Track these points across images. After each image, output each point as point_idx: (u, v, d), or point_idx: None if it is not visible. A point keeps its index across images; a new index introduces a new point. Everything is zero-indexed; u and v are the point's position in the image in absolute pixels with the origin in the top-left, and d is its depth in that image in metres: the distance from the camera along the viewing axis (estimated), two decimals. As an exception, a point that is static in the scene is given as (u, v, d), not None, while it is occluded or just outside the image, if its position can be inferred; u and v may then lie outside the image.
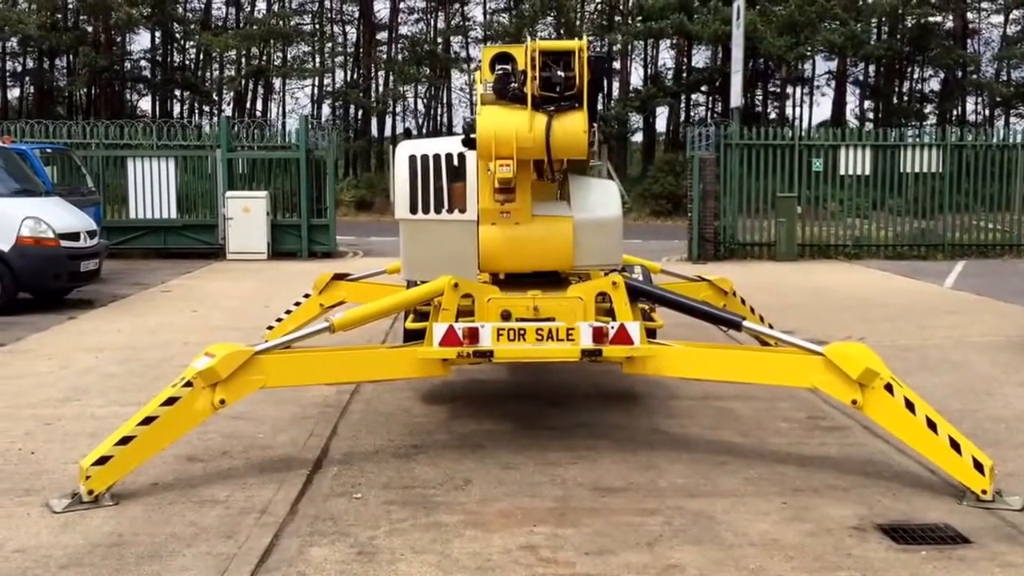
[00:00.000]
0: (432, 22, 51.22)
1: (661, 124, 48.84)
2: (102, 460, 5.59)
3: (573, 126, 6.26)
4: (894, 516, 5.42)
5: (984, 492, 5.54)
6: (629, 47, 43.59)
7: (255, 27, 47.20)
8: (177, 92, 51.91)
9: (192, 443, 6.78)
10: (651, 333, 7.10)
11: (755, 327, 6.49)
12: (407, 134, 48.73)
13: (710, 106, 47.04)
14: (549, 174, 6.71)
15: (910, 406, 5.72)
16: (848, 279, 17.65)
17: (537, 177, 6.78)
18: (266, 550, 4.91)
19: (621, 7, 44.69)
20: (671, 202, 33.26)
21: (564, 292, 6.65)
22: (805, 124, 46.68)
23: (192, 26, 49.41)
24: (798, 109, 50.38)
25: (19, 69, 51.83)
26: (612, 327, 6.32)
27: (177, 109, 52.07)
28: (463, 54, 50.46)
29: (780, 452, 6.68)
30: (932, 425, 5.68)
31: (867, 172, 21.27)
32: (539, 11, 42.03)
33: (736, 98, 21.88)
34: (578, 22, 43.06)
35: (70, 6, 46.35)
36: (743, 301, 10.03)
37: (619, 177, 36.21)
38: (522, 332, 6.35)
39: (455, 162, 6.86)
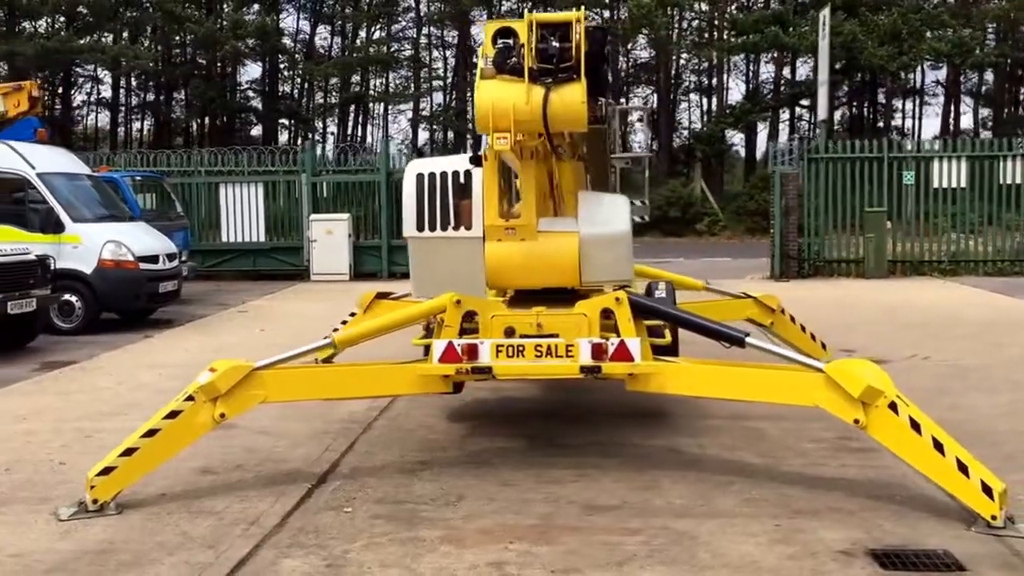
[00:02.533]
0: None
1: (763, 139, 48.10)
2: (106, 471, 5.79)
3: (571, 97, 6.09)
4: (892, 541, 5.19)
5: (994, 518, 5.27)
6: (725, 62, 43.07)
7: (355, 55, 48.27)
8: (283, 120, 53.44)
9: (211, 455, 6.97)
10: (668, 350, 6.98)
11: (759, 343, 6.31)
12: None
13: (812, 120, 46.01)
14: (551, 148, 6.60)
15: (915, 426, 5.49)
16: (935, 296, 17.03)
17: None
18: (242, 560, 5.00)
19: (716, 22, 44.22)
20: (766, 219, 32.63)
21: (570, 309, 6.60)
22: (917, 136, 45.28)
23: (296, 56, 50.83)
24: (908, 121, 49.01)
25: (139, 102, 54.11)
26: (612, 343, 6.24)
27: (285, 136, 53.64)
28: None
29: (793, 473, 6.48)
30: (939, 446, 5.43)
31: (963, 184, 20.46)
32: (630, 31, 41.87)
33: (822, 111, 21.47)
34: (674, 38, 42.77)
35: (184, 41, 48.22)
36: (793, 319, 9.79)
37: (713, 194, 35.66)
38: (521, 349, 6.32)
39: (461, 180, 6.90)
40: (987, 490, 5.29)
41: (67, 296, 13.73)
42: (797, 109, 45.77)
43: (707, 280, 10.55)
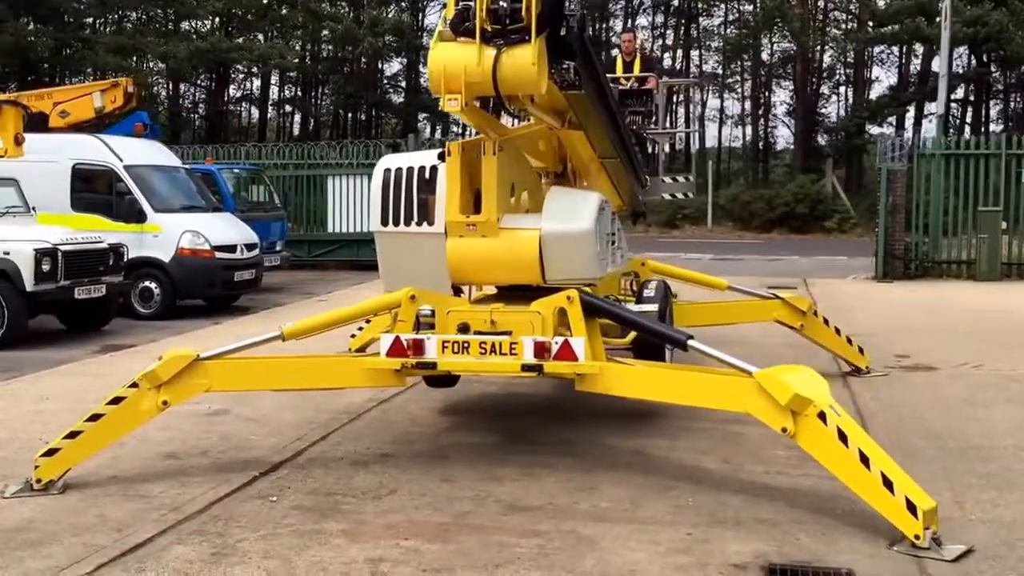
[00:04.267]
0: (668, 38, 50.87)
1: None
2: (50, 452, 6.01)
3: (522, 59, 5.89)
4: (799, 556, 4.90)
5: (918, 537, 4.90)
6: (865, 54, 41.38)
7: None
8: (424, 114, 54.37)
9: (186, 440, 7.19)
10: (654, 354, 6.74)
11: (700, 346, 6.04)
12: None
13: (957, 114, 43.79)
14: (505, 110, 6.49)
15: (843, 438, 5.16)
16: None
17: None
18: (137, 545, 5.08)
19: (854, 13, 42.54)
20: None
21: (525, 307, 6.47)
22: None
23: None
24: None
25: (287, 98, 56.06)
26: (555, 342, 6.10)
27: (428, 131, 54.57)
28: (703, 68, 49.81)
29: (745, 481, 6.18)
30: (865, 460, 5.10)
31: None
32: (762, 22, 40.73)
33: (940, 104, 20.37)
34: (810, 30, 41.36)
35: (325, 39, 49.70)
36: (826, 322, 9.33)
37: (849, 191, 34.34)
38: (466, 345, 6.25)
39: (427, 175, 6.84)
40: (912, 508, 4.92)
41: (147, 283, 14.40)
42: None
43: (767, 286, 10.22)
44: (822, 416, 5.22)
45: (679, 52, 48.72)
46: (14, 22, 41.46)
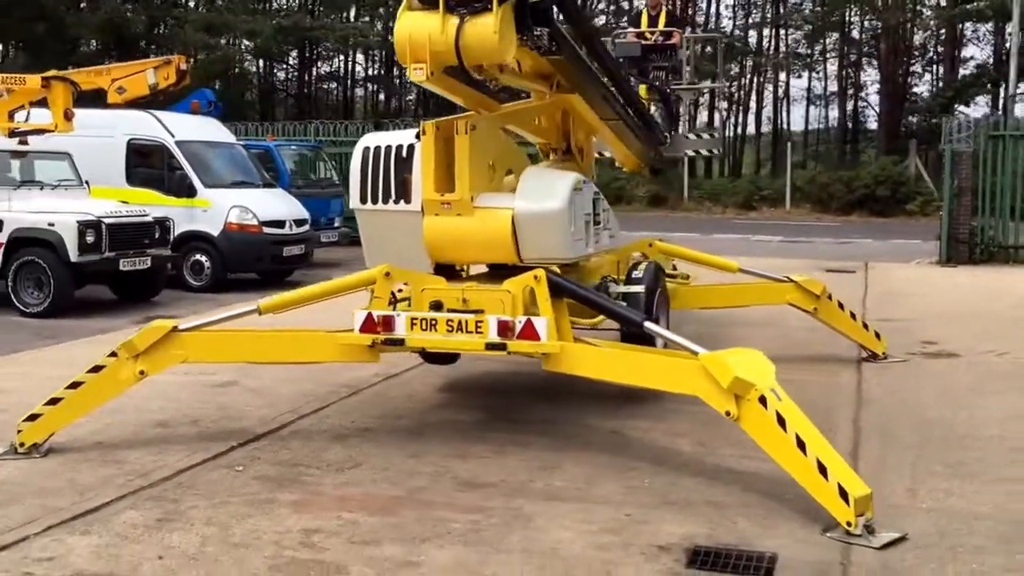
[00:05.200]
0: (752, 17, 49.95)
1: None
2: (32, 417, 6.28)
3: (484, 28, 5.90)
4: (727, 539, 4.87)
5: (850, 524, 4.83)
6: (956, 32, 39.98)
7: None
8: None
9: (182, 409, 7.44)
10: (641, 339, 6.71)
11: (654, 328, 6.00)
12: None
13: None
14: (469, 79, 6.46)
15: (782, 422, 5.10)
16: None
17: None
18: (92, 509, 5.29)
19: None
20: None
21: (497, 285, 6.51)
22: None
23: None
24: None
25: (371, 75, 56.80)
26: (519, 321, 6.14)
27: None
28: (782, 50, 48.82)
29: (711, 464, 6.14)
30: (802, 445, 5.03)
31: None
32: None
33: (1011, 84, 19.59)
34: (896, 6, 40.13)
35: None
36: (841, 306, 9.14)
37: (934, 173, 33.20)
38: (434, 323, 6.33)
39: (404, 154, 6.90)
40: (844, 495, 4.85)
41: (197, 256, 14.84)
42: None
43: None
44: (763, 400, 5.17)
45: (766, 30, 47.89)
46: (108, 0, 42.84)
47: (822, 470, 4.94)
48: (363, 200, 7.03)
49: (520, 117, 7.80)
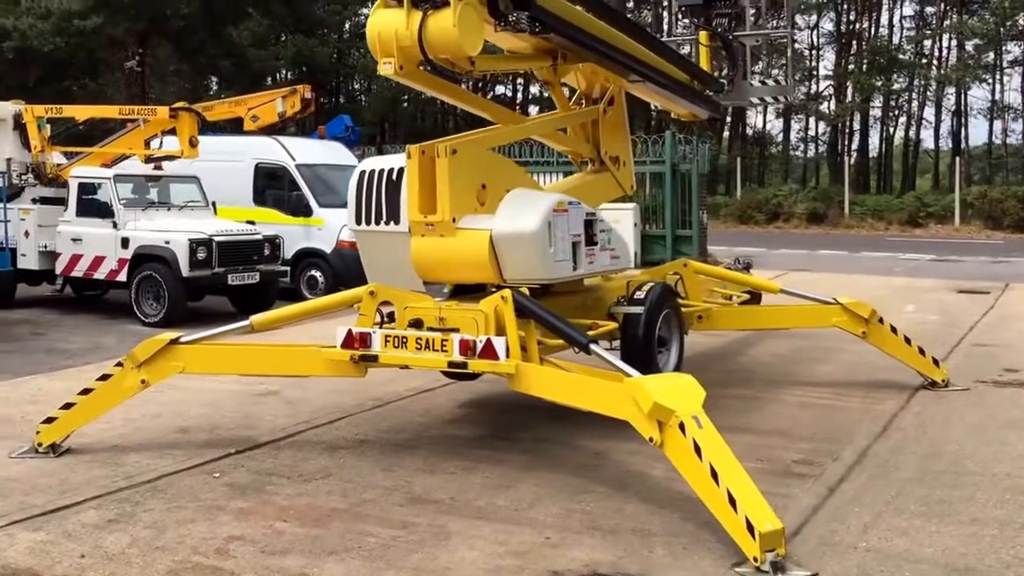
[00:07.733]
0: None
1: None
2: (49, 420, 6.82)
3: (444, 22, 6.13)
4: (631, 569, 4.78)
5: (756, 559, 4.66)
6: None
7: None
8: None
9: (211, 417, 7.90)
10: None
11: (599, 350, 5.92)
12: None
13: None
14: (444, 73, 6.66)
15: (698, 450, 4.97)
16: None
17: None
18: (62, 507, 5.72)
19: None
20: None
21: (473, 305, 6.60)
22: None
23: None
24: None
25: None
26: (480, 341, 6.21)
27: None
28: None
29: (672, 491, 5.90)
30: (715, 475, 4.89)
31: None
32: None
33: None
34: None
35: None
36: (894, 329, 8.68)
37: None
38: (404, 340, 6.50)
39: (395, 177, 7.08)
40: (751, 529, 4.68)
41: (312, 271, 15.60)
42: None
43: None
44: (682, 427, 5.05)
45: (945, 37, 45.63)
46: (293, 36, 45.59)
47: (732, 502, 4.79)
48: (359, 221, 7.28)
49: (544, 127, 7.98)
